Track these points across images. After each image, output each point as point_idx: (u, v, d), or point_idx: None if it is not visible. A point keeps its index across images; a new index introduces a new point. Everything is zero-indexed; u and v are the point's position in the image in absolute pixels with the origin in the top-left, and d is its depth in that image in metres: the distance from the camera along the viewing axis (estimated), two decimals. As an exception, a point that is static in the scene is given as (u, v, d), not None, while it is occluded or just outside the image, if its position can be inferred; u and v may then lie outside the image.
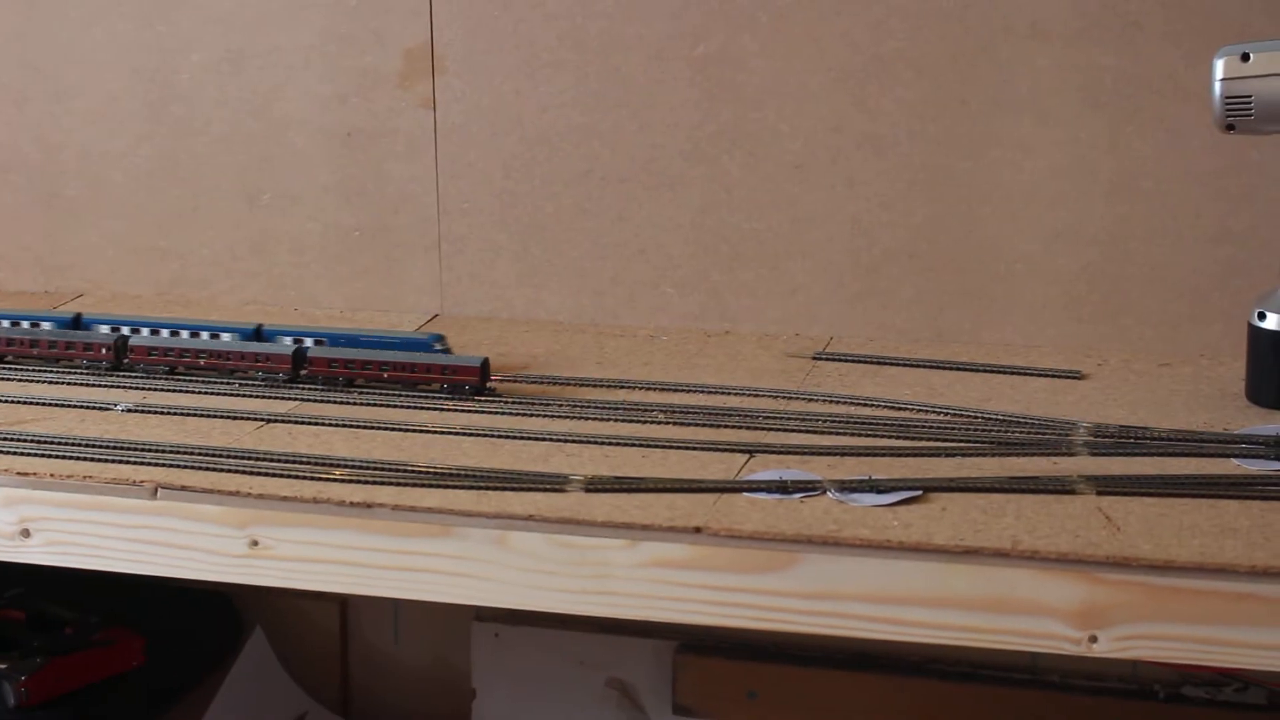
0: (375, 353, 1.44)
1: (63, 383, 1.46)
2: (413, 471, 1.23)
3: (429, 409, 1.38)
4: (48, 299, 1.77)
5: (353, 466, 1.24)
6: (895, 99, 1.55)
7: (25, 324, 1.54)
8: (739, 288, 1.62)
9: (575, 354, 1.55)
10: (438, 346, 1.45)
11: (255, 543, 1.20)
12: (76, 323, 1.54)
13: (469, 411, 1.38)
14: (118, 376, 1.47)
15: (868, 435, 1.31)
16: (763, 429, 1.33)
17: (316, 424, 1.35)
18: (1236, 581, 1.05)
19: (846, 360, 1.52)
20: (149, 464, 1.25)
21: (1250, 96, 1.30)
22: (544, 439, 1.31)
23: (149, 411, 1.38)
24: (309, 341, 1.49)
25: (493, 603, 1.18)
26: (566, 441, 1.30)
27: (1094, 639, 1.07)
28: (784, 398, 1.40)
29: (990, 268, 1.56)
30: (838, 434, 1.31)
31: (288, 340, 1.49)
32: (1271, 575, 1.05)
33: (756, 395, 1.41)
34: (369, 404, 1.40)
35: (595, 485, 1.20)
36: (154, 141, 1.75)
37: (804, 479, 1.20)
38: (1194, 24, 1.47)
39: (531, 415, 1.37)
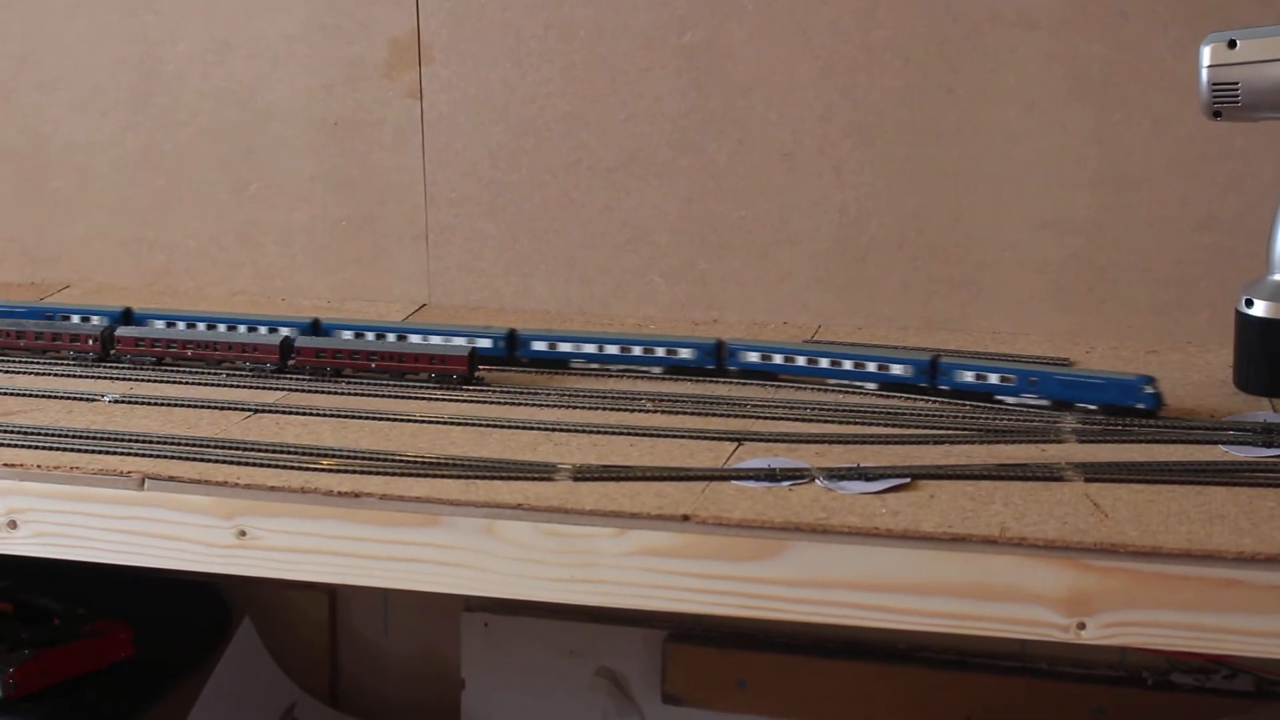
0: (363, 342, 1.44)
1: (50, 374, 1.46)
2: (401, 461, 1.23)
3: (417, 398, 1.38)
4: (34, 290, 1.76)
5: (341, 456, 1.24)
6: (883, 88, 1.55)
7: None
8: (727, 276, 1.62)
9: (563, 343, 1.55)
10: (1147, 390, 1.30)
11: (243, 533, 1.19)
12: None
13: (457, 401, 1.38)
14: (105, 367, 1.46)
15: (856, 423, 1.31)
16: (751, 417, 1.33)
17: (304, 414, 1.35)
18: (1224, 568, 1.05)
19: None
20: (136, 455, 1.25)
21: (1237, 83, 1.30)
22: (532, 428, 1.31)
23: (136, 402, 1.38)
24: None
25: (481, 592, 1.17)
26: (555, 430, 1.30)
27: (1082, 626, 1.07)
28: (772, 386, 1.40)
29: (978, 256, 1.56)
30: (826, 422, 1.31)
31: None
32: (1259, 561, 1.05)
33: (744, 383, 1.41)
34: (357, 394, 1.40)
35: (583, 474, 1.20)
36: (139, 132, 1.74)
37: (792, 467, 1.20)
38: (1180, 12, 1.47)
39: (520, 404, 1.37)
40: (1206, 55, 1.30)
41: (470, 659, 1.79)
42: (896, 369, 1.38)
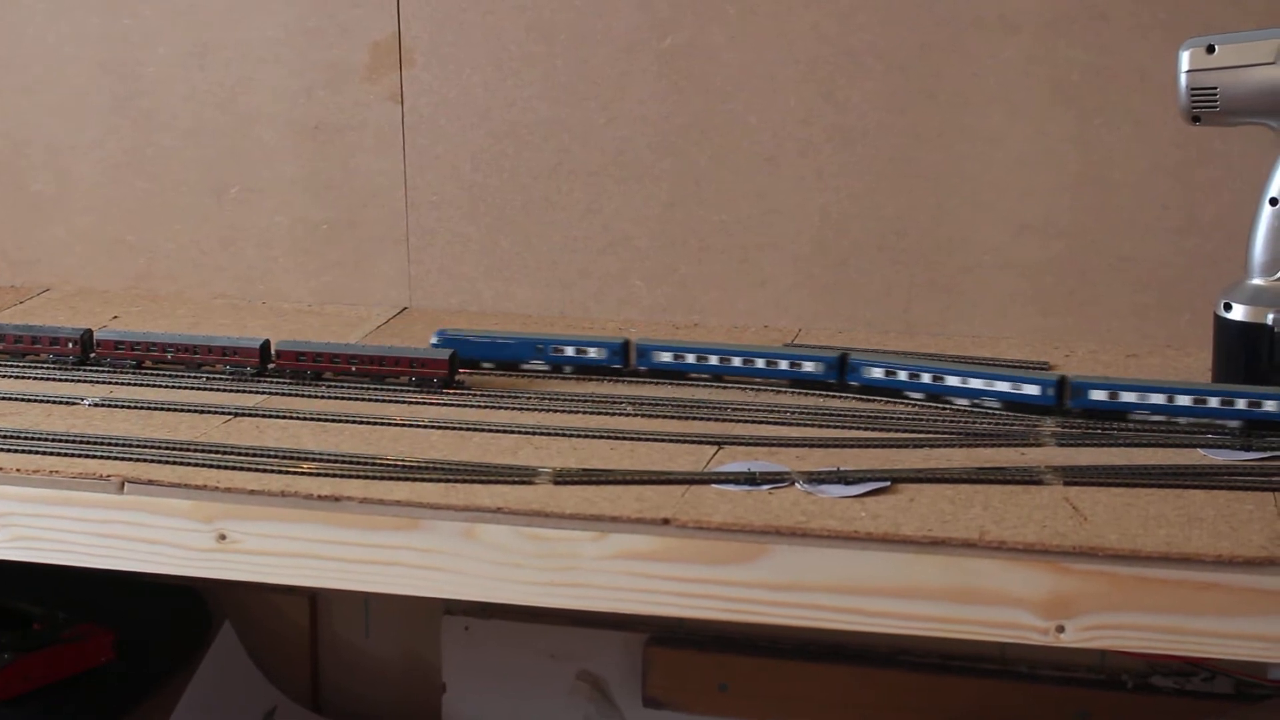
0: (343, 346, 1.44)
1: (29, 377, 1.45)
2: (381, 464, 1.23)
3: (397, 402, 1.38)
4: (14, 294, 1.76)
5: (321, 460, 1.24)
6: (864, 91, 1.55)
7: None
8: (708, 280, 1.62)
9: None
10: None
11: (223, 536, 1.19)
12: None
13: (437, 404, 1.38)
14: (84, 371, 1.46)
15: (836, 426, 1.31)
16: (731, 420, 1.33)
17: (284, 417, 1.35)
18: (1202, 571, 1.06)
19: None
20: (116, 458, 1.24)
21: (1215, 88, 1.30)
22: (512, 432, 1.31)
23: (116, 406, 1.38)
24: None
25: (462, 595, 1.17)
26: (535, 434, 1.30)
27: (1061, 629, 1.08)
28: (752, 389, 1.40)
29: (958, 260, 1.57)
30: (806, 425, 1.31)
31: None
32: (1237, 564, 1.05)
33: (725, 387, 1.41)
34: (337, 397, 1.39)
35: (564, 477, 1.19)
36: (121, 135, 1.74)
37: (772, 470, 1.20)
38: (1160, 17, 1.47)
39: (500, 408, 1.37)
40: (1185, 60, 1.31)
41: (451, 662, 1.79)
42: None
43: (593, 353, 1.44)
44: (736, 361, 1.41)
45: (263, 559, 1.19)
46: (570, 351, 1.44)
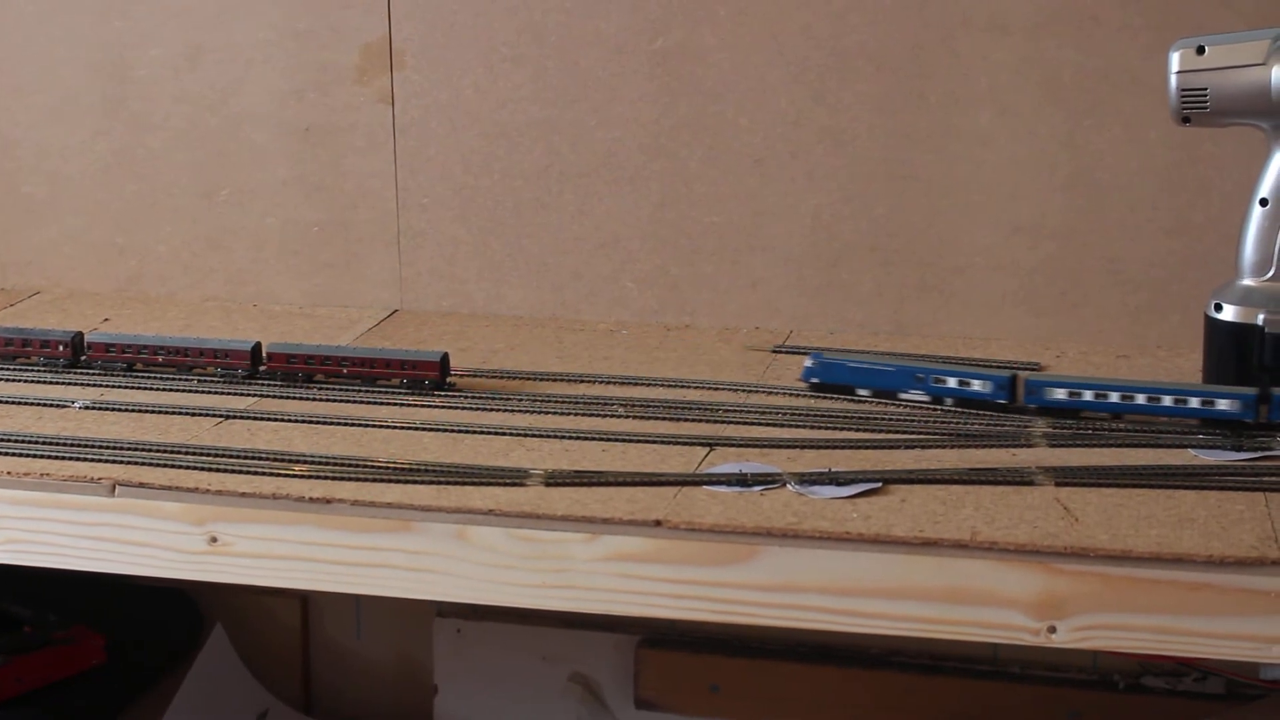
0: (334, 348, 1.44)
1: (19, 380, 1.45)
2: (373, 467, 1.23)
3: (389, 404, 1.38)
4: (4, 296, 1.76)
5: (312, 462, 1.24)
6: (855, 93, 1.55)
7: None
8: (699, 281, 1.62)
9: (535, 348, 1.55)
10: None
11: (214, 539, 1.19)
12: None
13: (429, 406, 1.37)
14: (75, 373, 1.46)
15: (827, 428, 1.31)
16: (722, 422, 1.33)
17: (276, 420, 1.35)
18: (1193, 571, 1.06)
19: (806, 353, 1.52)
20: (107, 461, 1.24)
21: (1205, 89, 1.30)
22: (504, 433, 1.31)
23: (107, 408, 1.38)
24: None
25: (453, 598, 1.17)
26: (526, 436, 1.30)
27: (1053, 629, 1.08)
28: (744, 391, 1.41)
29: (949, 261, 1.57)
30: (797, 426, 1.32)
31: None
32: (1228, 565, 1.05)
33: (716, 389, 1.41)
34: (328, 399, 1.39)
35: (555, 479, 1.19)
36: (111, 137, 1.74)
37: (764, 471, 1.20)
38: (1151, 18, 1.48)
39: (491, 410, 1.37)
40: (1175, 61, 1.31)
41: (443, 665, 1.79)
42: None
43: (976, 385, 1.36)
44: (1140, 399, 1.30)
45: (254, 561, 1.19)
46: (952, 383, 1.36)
